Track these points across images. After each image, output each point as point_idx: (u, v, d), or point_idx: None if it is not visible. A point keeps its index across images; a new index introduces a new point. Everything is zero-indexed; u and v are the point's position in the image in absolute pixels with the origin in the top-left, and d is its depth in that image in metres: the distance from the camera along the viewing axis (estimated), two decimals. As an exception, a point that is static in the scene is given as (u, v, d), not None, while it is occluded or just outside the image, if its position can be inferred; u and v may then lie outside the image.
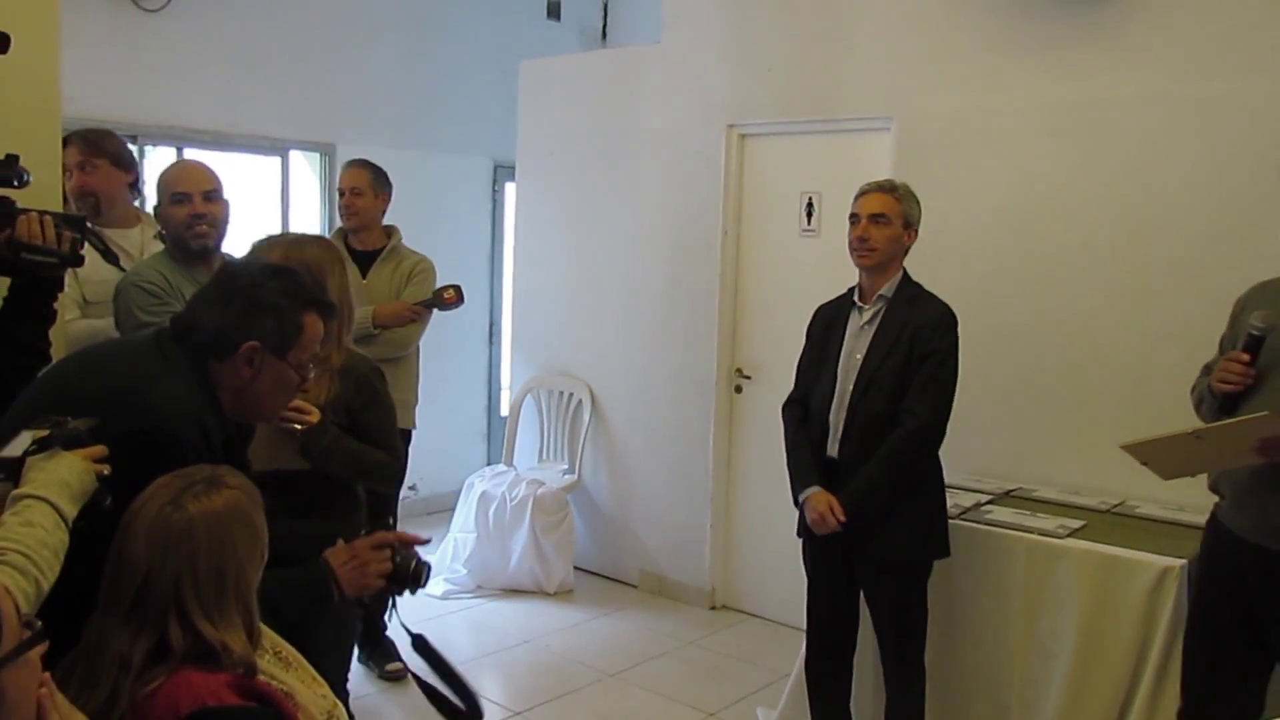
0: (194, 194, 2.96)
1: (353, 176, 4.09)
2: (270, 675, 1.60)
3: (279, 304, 1.95)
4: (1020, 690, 3.31)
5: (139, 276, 2.94)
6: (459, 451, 6.42)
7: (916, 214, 3.17)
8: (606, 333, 5.41)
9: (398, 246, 4.15)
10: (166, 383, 1.87)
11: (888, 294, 3.14)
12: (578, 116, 5.50)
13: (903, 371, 3.05)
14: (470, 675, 4.16)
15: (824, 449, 3.18)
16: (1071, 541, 3.25)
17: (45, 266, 2.19)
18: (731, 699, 4.00)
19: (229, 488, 1.63)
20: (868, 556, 3.13)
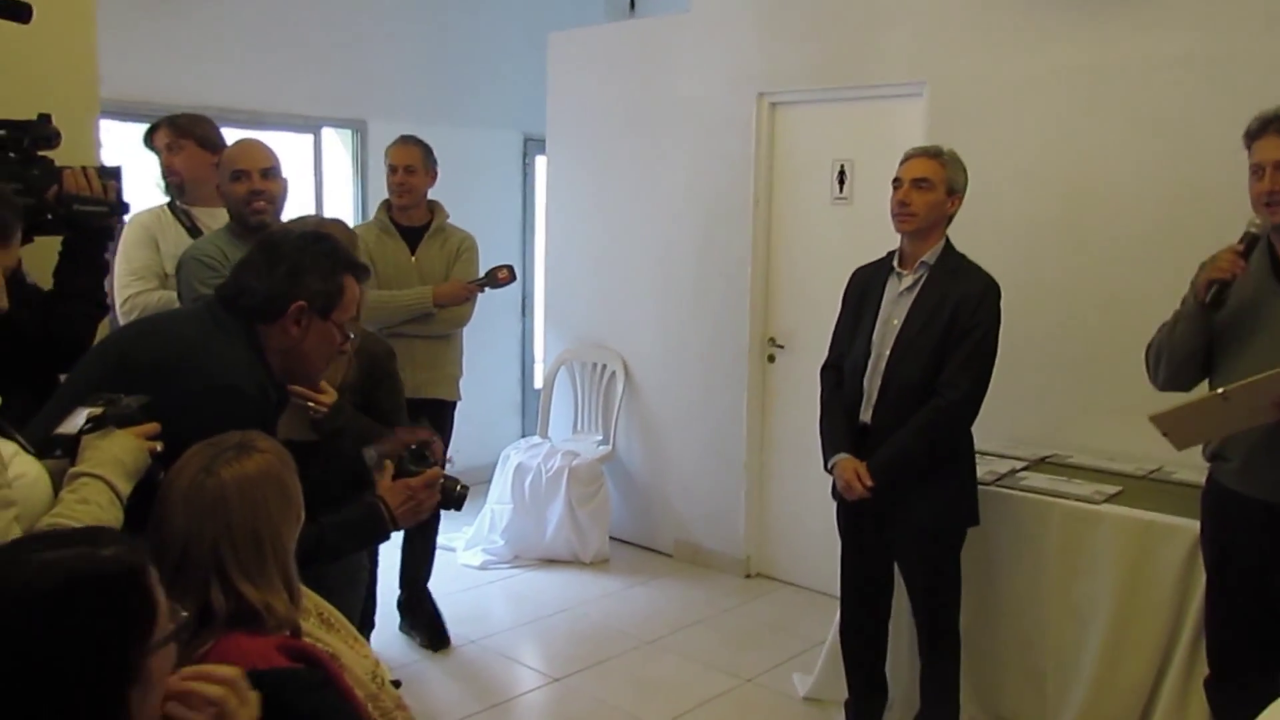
0: (253, 171, 3.05)
1: (407, 154, 4.11)
2: (315, 638, 1.64)
3: (322, 266, 2.06)
4: (1056, 656, 3.32)
5: (198, 250, 3.04)
6: (494, 424, 6.47)
7: (962, 181, 3.11)
8: (639, 304, 5.43)
9: (444, 224, 4.19)
10: (222, 345, 1.97)
11: (930, 261, 3.09)
12: (607, 88, 5.50)
13: (941, 342, 3.01)
14: (510, 643, 4.27)
15: (857, 414, 3.17)
16: (1107, 507, 3.25)
17: (96, 216, 2.28)
18: (767, 666, 4.03)
19: (260, 451, 1.66)
20: (899, 523, 3.13)
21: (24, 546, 1.21)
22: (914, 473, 3.05)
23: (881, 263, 3.24)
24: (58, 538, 1.22)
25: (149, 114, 4.95)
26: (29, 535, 1.35)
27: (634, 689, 3.84)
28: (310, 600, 1.74)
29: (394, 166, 4.11)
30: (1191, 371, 2.67)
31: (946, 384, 3.01)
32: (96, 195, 2.28)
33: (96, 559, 1.16)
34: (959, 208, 3.13)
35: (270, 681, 1.47)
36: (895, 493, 3.07)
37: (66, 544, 1.18)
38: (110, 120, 4.79)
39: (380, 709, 1.66)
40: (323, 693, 1.52)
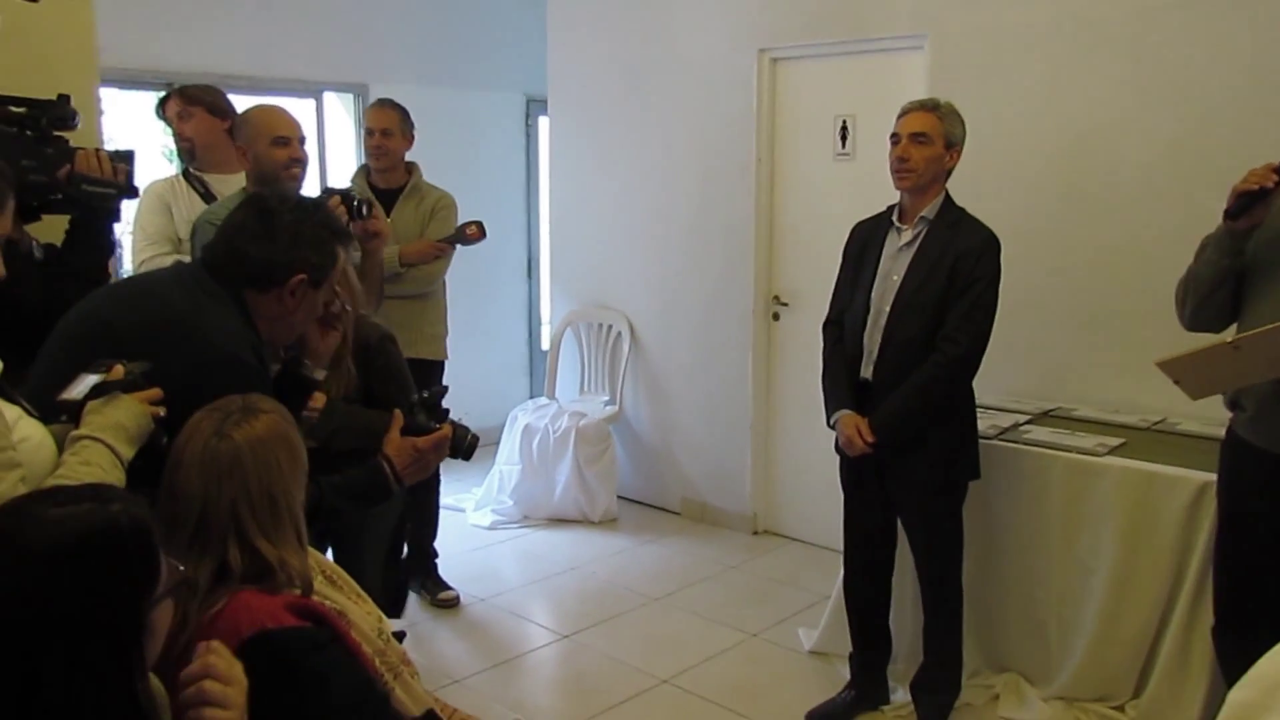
0: (293, 138, 3.07)
1: (384, 118, 4.11)
2: (322, 595, 1.67)
3: (320, 236, 2.05)
4: (1058, 608, 3.35)
5: (212, 214, 3.04)
6: (502, 386, 6.50)
7: (960, 134, 3.08)
8: (643, 264, 5.43)
9: (419, 183, 4.19)
10: (216, 313, 1.96)
11: (929, 216, 3.08)
12: (607, 47, 5.46)
13: (942, 297, 3.00)
14: (519, 601, 4.32)
15: (858, 370, 3.17)
16: (1110, 459, 3.25)
17: (103, 198, 2.32)
18: (773, 620, 4.08)
19: (265, 412, 1.69)
20: (900, 477, 3.15)
21: (34, 502, 1.23)
22: (915, 428, 3.06)
23: (881, 217, 3.23)
24: (65, 494, 1.24)
25: (149, 82, 4.96)
26: (35, 492, 1.38)
27: (642, 645, 3.89)
28: (314, 559, 1.77)
29: (370, 130, 4.13)
30: (1217, 308, 2.58)
31: (947, 339, 3.01)
32: (106, 177, 2.32)
33: (108, 514, 1.19)
34: (958, 161, 3.11)
35: (279, 640, 1.50)
36: (897, 448, 3.08)
37: (75, 500, 1.20)
38: (111, 89, 4.81)
39: (387, 664, 1.69)
40: (331, 650, 1.55)
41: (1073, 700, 3.32)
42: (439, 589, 4.27)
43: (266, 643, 1.47)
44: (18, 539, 1.15)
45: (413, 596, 4.29)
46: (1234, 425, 2.67)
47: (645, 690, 3.54)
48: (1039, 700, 3.36)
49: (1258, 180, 2.40)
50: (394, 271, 3.95)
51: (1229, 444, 2.69)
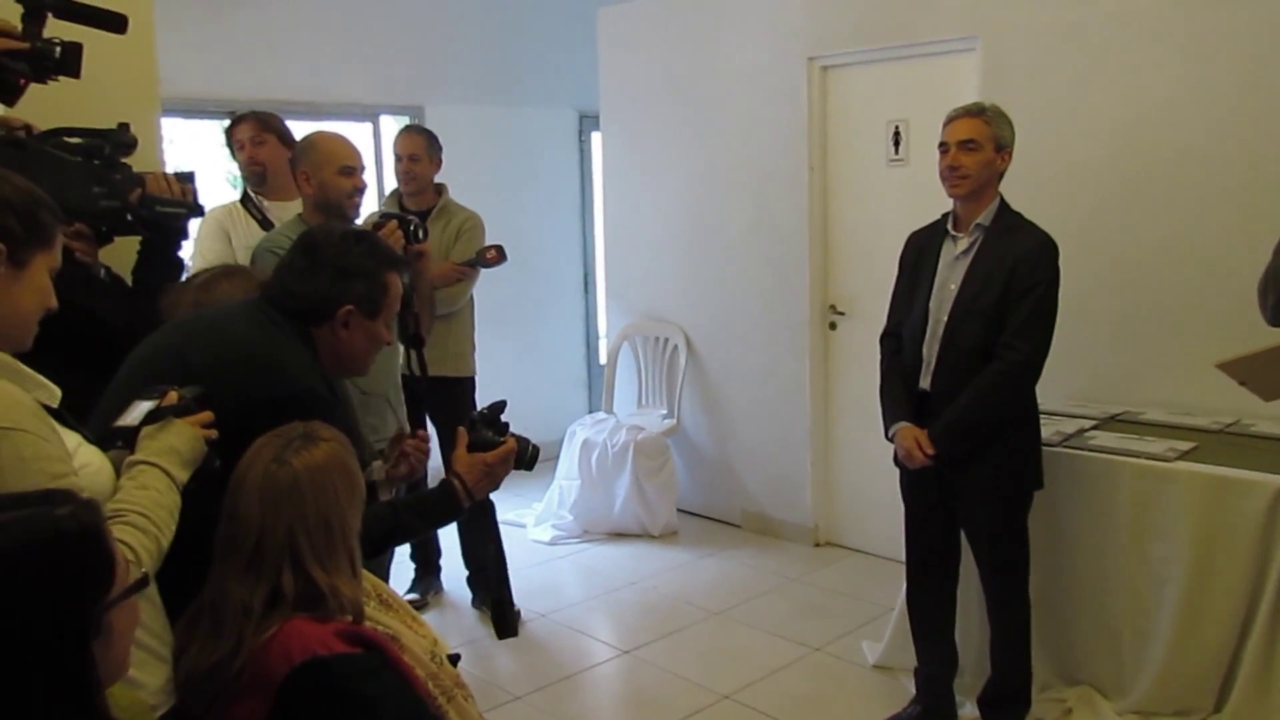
0: (357, 168, 3.15)
1: (412, 144, 4.21)
2: (375, 620, 1.68)
3: (366, 267, 2.06)
4: (1131, 618, 3.25)
5: (272, 242, 3.10)
6: (560, 401, 6.52)
7: (1009, 135, 3.03)
8: (698, 276, 5.41)
9: (448, 204, 4.27)
10: (290, 348, 2.00)
11: (984, 223, 3.03)
12: (658, 60, 5.47)
13: (1000, 304, 2.95)
14: (580, 617, 4.32)
15: (916, 381, 3.12)
16: (1181, 464, 3.15)
17: (175, 217, 2.42)
18: (836, 634, 4.02)
19: (324, 440, 1.71)
20: (963, 488, 3.09)
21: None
22: (976, 438, 3.00)
23: (936, 226, 3.18)
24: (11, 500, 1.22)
25: (210, 110, 5.07)
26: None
27: (703, 659, 3.85)
28: (369, 582, 1.78)
29: (399, 156, 4.22)
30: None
31: (1006, 346, 2.95)
32: (176, 197, 2.41)
33: (52, 518, 1.17)
34: (1009, 163, 3.05)
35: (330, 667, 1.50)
36: (958, 459, 3.03)
37: (20, 505, 1.18)
38: (173, 118, 4.92)
39: (440, 687, 1.69)
40: (381, 675, 1.56)
41: (1149, 714, 3.21)
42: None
43: (317, 669, 1.48)
44: None
45: (472, 612, 4.33)
46: None
47: (706, 706, 3.51)
48: (1113, 714, 3.25)
49: None
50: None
51: None
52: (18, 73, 2.08)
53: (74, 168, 2.19)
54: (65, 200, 2.00)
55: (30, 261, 1.50)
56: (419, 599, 4.40)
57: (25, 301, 1.52)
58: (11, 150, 2.02)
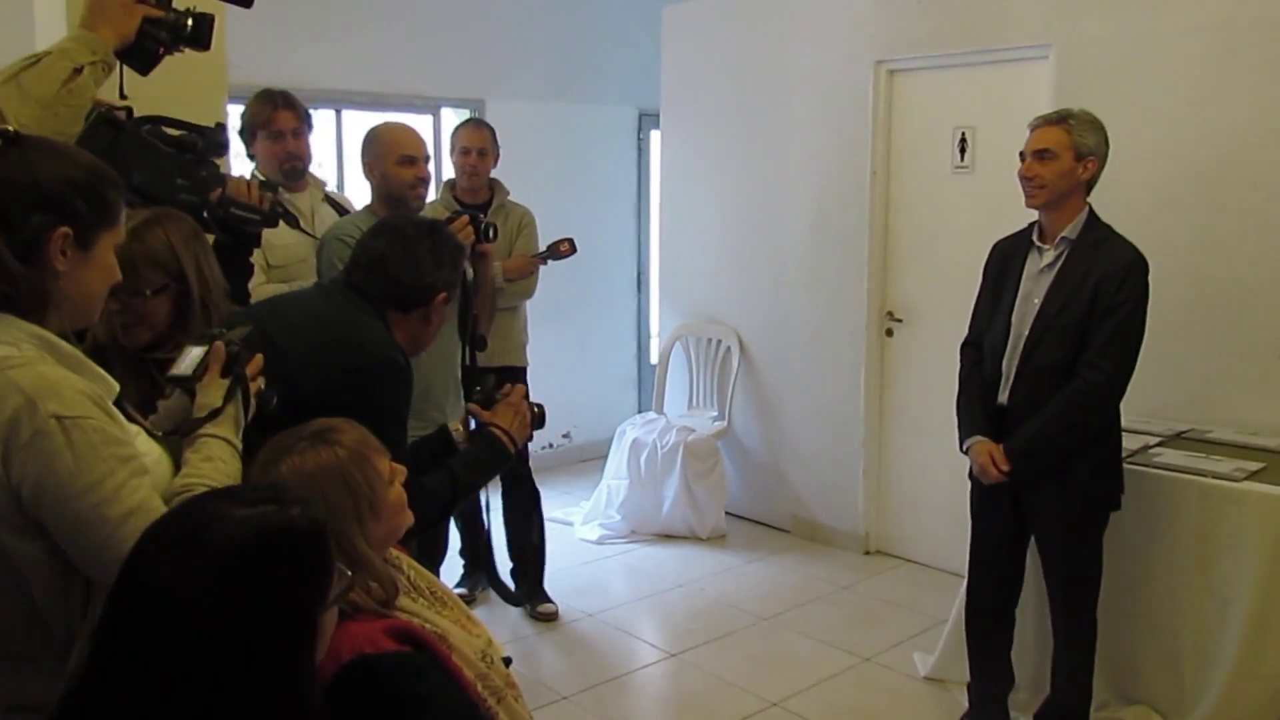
0: (419, 158, 3.16)
1: (479, 138, 4.22)
2: (424, 618, 1.66)
3: (454, 257, 2.21)
4: (1194, 639, 3.18)
5: (341, 230, 3.12)
6: (610, 400, 6.51)
7: (1093, 142, 2.93)
8: (754, 278, 5.37)
9: (505, 201, 4.30)
10: (369, 325, 2.10)
11: (1071, 236, 2.95)
12: (721, 60, 5.44)
13: (1084, 320, 2.87)
14: (626, 618, 4.31)
15: (995, 395, 3.07)
16: (1249, 485, 3.09)
17: (249, 223, 2.38)
18: (887, 644, 3.97)
19: (329, 445, 1.61)
20: (1038, 504, 3.04)
21: (218, 501, 1.24)
22: (1052, 457, 2.94)
23: (1021, 236, 3.11)
24: (247, 494, 1.25)
25: (277, 99, 5.11)
26: (218, 490, 1.42)
27: (751, 665, 3.83)
28: (424, 579, 1.76)
29: (466, 149, 4.21)
30: None
31: (1088, 365, 2.88)
32: (254, 203, 2.38)
33: (287, 516, 1.20)
34: (1095, 171, 2.95)
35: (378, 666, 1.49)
36: (1033, 476, 2.97)
37: (257, 500, 1.21)
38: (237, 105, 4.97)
39: (490, 688, 1.67)
40: (430, 675, 1.54)
41: (1208, 737, 3.15)
42: (540, 601, 4.30)
43: (365, 668, 1.46)
44: (202, 537, 1.17)
45: (514, 611, 4.33)
46: None
47: (754, 713, 3.48)
48: (1172, 736, 3.20)
49: None
50: (497, 285, 4.06)
51: None
52: (159, 41, 2.07)
53: (164, 157, 2.18)
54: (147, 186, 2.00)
55: (97, 241, 1.49)
56: (467, 594, 4.41)
57: (93, 283, 1.51)
58: (106, 129, 2.01)
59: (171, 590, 1.15)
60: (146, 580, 1.17)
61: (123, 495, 1.42)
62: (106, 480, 1.41)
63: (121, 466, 1.44)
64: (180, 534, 1.20)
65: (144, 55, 2.07)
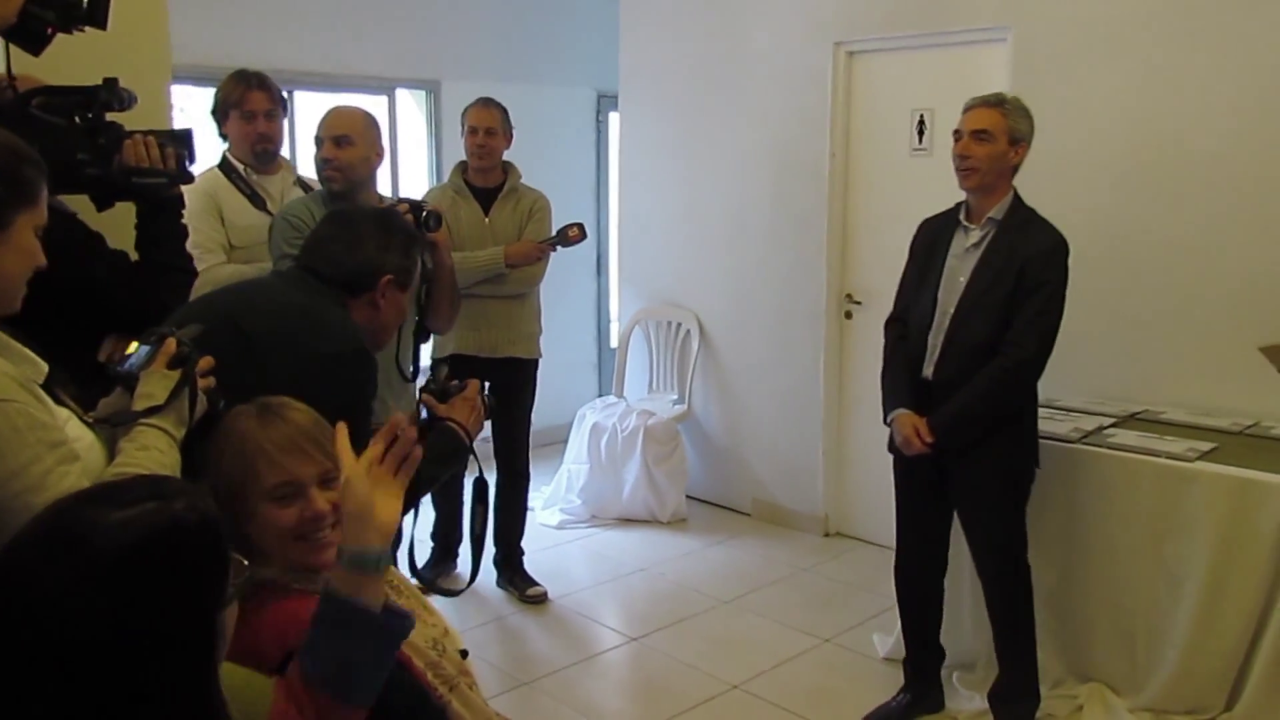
0: (325, 139, 3.07)
1: (489, 117, 4.12)
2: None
3: (401, 240, 2.18)
4: (1146, 617, 3.23)
5: (289, 211, 3.08)
6: (570, 384, 6.48)
7: (1026, 129, 3.00)
8: (713, 262, 5.36)
9: (517, 184, 4.21)
10: (335, 311, 2.08)
11: (997, 217, 3.02)
12: (680, 42, 5.41)
13: (1009, 300, 2.95)
14: (588, 602, 4.29)
15: (920, 369, 3.13)
16: (1201, 465, 3.13)
17: (156, 188, 2.18)
18: (846, 625, 3.99)
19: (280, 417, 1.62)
20: (961, 479, 3.10)
21: (91, 504, 1.12)
22: (975, 430, 3.01)
23: (949, 215, 3.17)
24: (123, 493, 1.13)
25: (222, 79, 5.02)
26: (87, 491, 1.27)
27: (712, 648, 3.83)
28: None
29: (475, 128, 4.12)
30: None
31: (1012, 343, 2.95)
32: (155, 165, 2.16)
33: (172, 513, 1.09)
34: (1024, 156, 3.03)
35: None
36: (956, 450, 3.03)
37: (136, 499, 1.10)
38: (186, 85, 4.87)
39: (441, 676, 1.64)
40: None
41: (1161, 712, 3.20)
42: (527, 585, 4.29)
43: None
44: (81, 547, 1.06)
45: (500, 592, 4.32)
46: None
47: (716, 695, 3.49)
48: (1125, 711, 3.24)
49: None
50: (498, 271, 4.02)
51: None
52: (45, 21, 1.98)
53: (59, 131, 2.01)
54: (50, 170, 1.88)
55: (13, 223, 1.43)
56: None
57: (9, 264, 1.45)
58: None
59: (56, 610, 1.04)
60: (23, 602, 1.04)
61: (49, 482, 1.37)
62: (32, 466, 1.36)
63: (49, 452, 1.39)
64: (56, 547, 1.07)
65: (31, 35, 1.99)
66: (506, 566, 4.35)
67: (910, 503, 3.26)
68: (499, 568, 4.37)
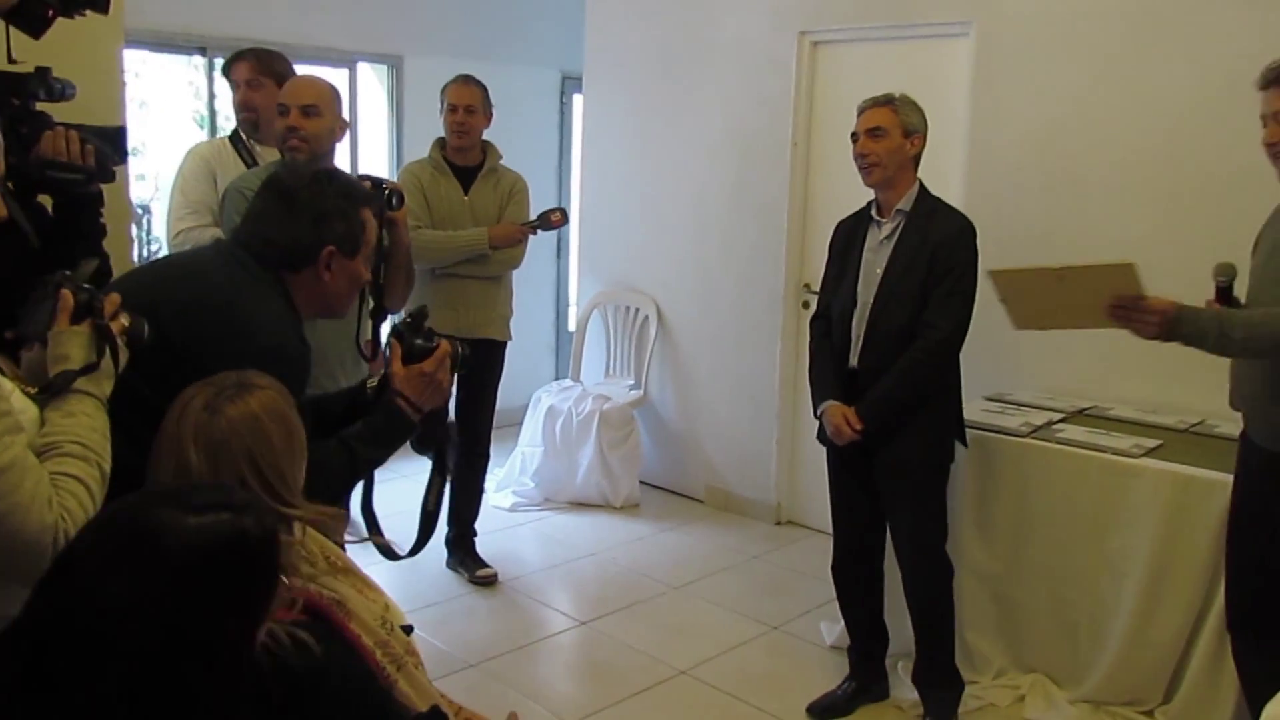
0: (292, 107, 2.96)
1: (469, 94, 4.07)
2: (320, 584, 1.61)
3: (342, 206, 2.03)
4: (1089, 609, 3.28)
5: (242, 182, 2.99)
6: (526, 366, 6.43)
7: (918, 121, 3.12)
8: (673, 248, 5.35)
9: (496, 165, 4.18)
10: (261, 299, 1.95)
11: (905, 208, 3.13)
12: (646, 26, 5.38)
13: (923, 286, 3.06)
14: (538, 585, 4.28)
15: (846, 360, 3.20)
16: (1146, 461, 3.18)
17: (70, 184, 2.12)
18: (795, 613, 4.01)
19: (260, 388, 1.63)
20: (884, 461, 3.15)
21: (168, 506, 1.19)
22: (900, 412, 3.09)
23: (861, 214, 3.29)
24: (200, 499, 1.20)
25: (181, 46, 4.93)
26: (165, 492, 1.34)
27: (661, 634, 3.84)
28: (317, 544, 1.71)
29: (455, 106, 4.08)
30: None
31: (927, 325, 3.05)
32: (73, 160, 2.10)
33: (241, 526, 1.17)
34: (922, 147, 3.14)
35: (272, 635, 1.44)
36: (883, 435, 3.09)
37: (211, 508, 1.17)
38: (141, 50, 4.78)
39: (390, 655, 1.63)
40: (326, 645, 1.50)
41: (1100, 704, 3.26)
42: (478, 566, 4.27)
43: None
44: (152, 547, 1.13)
45: (449, 573, 4.30)
46: (1245, 425, 2.69)
47: (663, 680, 3.50)
48: (1066, 702, 3.30)
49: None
50: (481, 252, 4.01)
51: (1241, 443, 2.71)
52: (47, 4, 1.95)
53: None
54: None
55: None
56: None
57: None
58: None
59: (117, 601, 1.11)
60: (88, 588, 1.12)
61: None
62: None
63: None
64: (126, 544, 1.15)
65: (32, 19, 1.97)
66: (458, 547, 4.33)
67: (844, 494, 3.32)
68: (451, 548, 4.35)
